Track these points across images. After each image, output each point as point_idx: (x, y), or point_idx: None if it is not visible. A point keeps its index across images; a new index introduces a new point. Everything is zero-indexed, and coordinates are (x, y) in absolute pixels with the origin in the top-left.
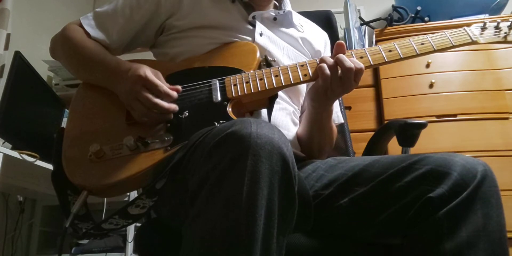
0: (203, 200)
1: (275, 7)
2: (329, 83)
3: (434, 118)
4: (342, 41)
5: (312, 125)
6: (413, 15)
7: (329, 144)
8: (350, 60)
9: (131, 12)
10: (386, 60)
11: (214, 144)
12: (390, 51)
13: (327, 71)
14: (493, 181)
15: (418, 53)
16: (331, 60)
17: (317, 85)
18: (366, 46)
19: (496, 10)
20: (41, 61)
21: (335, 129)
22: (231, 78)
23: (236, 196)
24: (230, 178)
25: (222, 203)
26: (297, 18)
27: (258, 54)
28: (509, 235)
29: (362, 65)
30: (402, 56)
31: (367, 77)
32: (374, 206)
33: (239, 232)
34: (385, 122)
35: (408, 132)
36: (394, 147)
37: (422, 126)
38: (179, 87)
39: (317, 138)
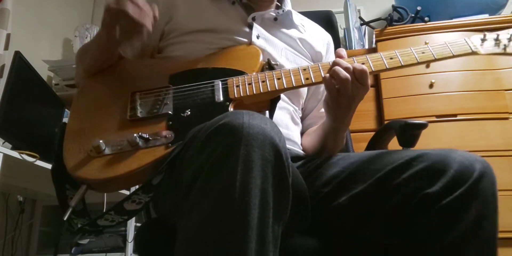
0: (197, 192)
1: (277, 7)
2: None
3: (434, 118)
4: (342, 50)
5: (327, 135)
6: (413, 15)
7: (338, 151)
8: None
9: None
10: (387, 67)
11: (207, 135)
12: (391, 58)
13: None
14: (491, 179)
15: (419, 61)
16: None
17: (329, 93)
18: (366, 46)
19: (496, 10)
20: (41, 61)
21: None
22: (233, 79)
23: (229, 186)
24: (223, 168)
25: (216, 194)
26: (299, 18)
27: (261, 57)
28: (508, 235)
29: (363, 67)
30: (403, 64)
31: None
32: (372, 204)
33: (234, 222)
34: (385, 122)
35: (409, 132)
36: (394, 147)
37: (423, 126)
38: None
39: (329, 146)
